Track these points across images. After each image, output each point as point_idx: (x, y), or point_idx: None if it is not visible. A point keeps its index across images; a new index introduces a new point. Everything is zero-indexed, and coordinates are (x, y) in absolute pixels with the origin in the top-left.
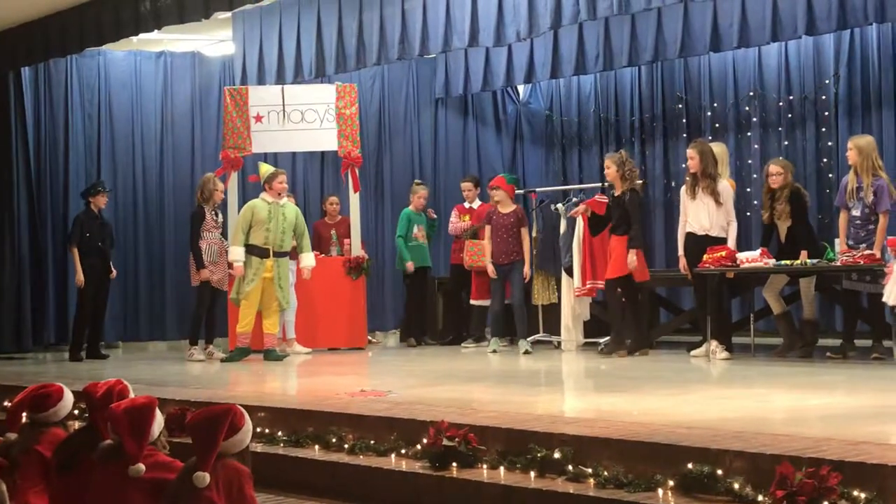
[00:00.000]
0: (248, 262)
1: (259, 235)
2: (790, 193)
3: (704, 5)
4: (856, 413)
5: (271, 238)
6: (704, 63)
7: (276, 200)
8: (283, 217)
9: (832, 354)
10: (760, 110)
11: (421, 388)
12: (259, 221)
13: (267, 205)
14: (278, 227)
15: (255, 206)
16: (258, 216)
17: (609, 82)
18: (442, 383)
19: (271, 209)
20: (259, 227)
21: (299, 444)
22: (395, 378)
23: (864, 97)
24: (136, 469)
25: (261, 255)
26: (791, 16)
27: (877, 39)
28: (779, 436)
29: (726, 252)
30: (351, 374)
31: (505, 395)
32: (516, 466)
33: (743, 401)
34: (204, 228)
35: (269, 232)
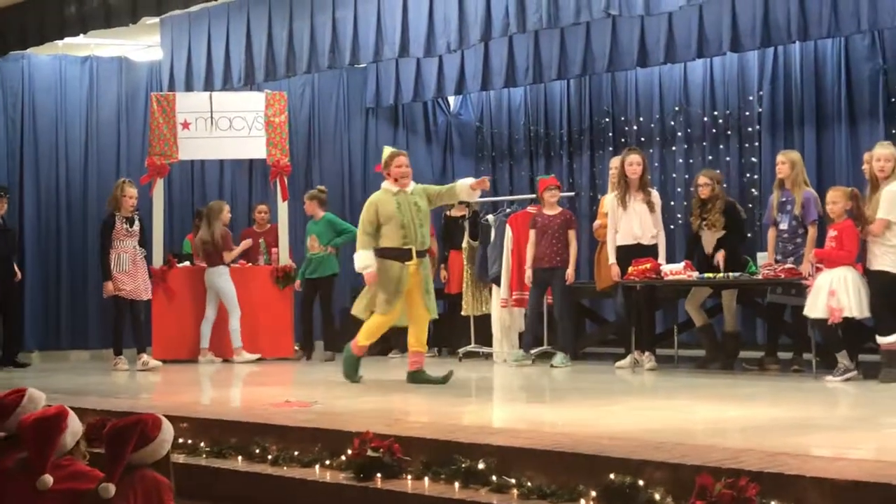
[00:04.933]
0: (385, 269)
1: (394, 235)
2: (724, 206)
3: (632, 21)
4: (775, 425)
5: (410, 235)
6: (631, 78)
7: (401, 189)
8: (415, 207)
9: (748, 366)
10: (685, 125)
11: (347, 399)
12: (388, 217)
13: (392, 196)
14: (413, 220)
15: (377, 200)
16: (385, 211)
17: (539, 95)
18: (369, 394)
19: (399, 200)
20: (391, 225)
21: (222, 456)
22: (322, 389)
23: (786, 114)
24: (43, 482)
25: (401, 259)
26: (716, 32)
27: (799, 57)
28: (699, 447)
29: (651, 264)
30: (277, 385)
31: (432, 406)
32: (441, 477)
33: (665, 412)
34: (115, 237)
35: (404, 228)
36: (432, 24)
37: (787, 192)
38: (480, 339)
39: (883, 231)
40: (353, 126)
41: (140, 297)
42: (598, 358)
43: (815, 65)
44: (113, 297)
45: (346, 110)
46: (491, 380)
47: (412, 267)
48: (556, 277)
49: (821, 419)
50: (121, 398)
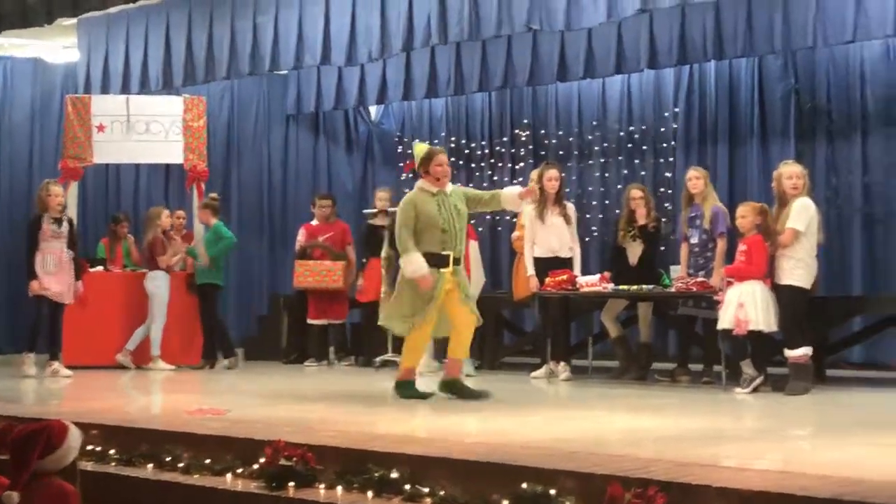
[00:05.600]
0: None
1: (433, 238)
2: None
3: (553, 36)
4: (686, 435)
5: (450, 240)
6: (552, 92)
7: (441, 189)
8: (455, 210)
9: (660, 378)
10: (602, 139)
11: (261, 408)
12: (428, 220)
13: (431, 196)
14: (454, 224)
15: (415, 201)
16: (425, 213)
17: (460, 107)
18: (283, 402)
19: (439, 202)
20: (430, 228)
21: (131, 463)
22: (236, 397)
23: (700, 130)
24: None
25: (438, 265)
26: (634, 49)
27: (714, 75)
28: (611, 456)
29: (567, 276)
30: (190, 392)
31: (347, 415)
32: (353, 486)
33: (579, 422)
34: (41, 238)
35: (445, 233)
36: (354, 33)
37: (697, 207)
38: (397, 348)
39: (792, 241)
40: (273, 133)
41: (64, 300)
42: (515, 368)
43: (730, 83)
44: (35, 298)
45: (267, 117)
46: None
47: (448, 274)
48: None
49: (729, 430)
50: (27, 404)
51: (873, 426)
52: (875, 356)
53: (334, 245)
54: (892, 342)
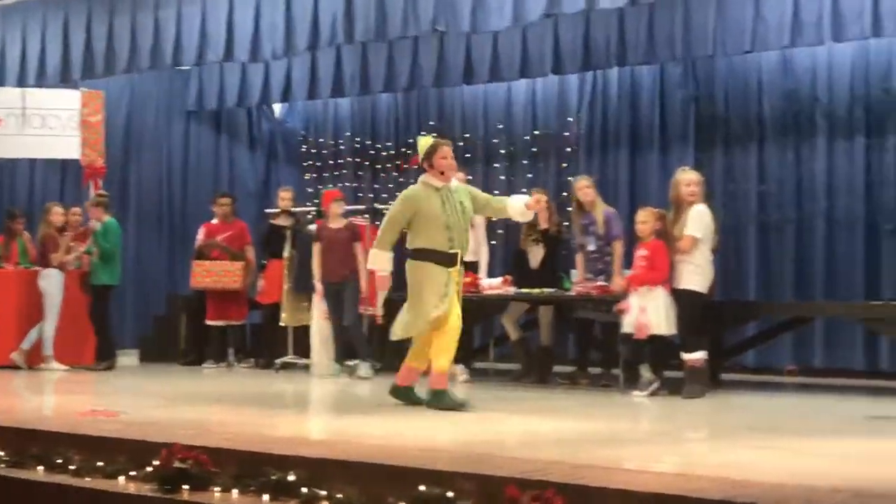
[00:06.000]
0: (430, 273)
1: (439, 235)
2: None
3: (459, 38)
4: (584, 438)
5: (456, 238)
6: (458, 94)
7: (445, 184)
8: (460, 207)
9: (560, 381)
10: (507, 143)
11: (157, 409)
12: (431, 216)
13: (435, 192)
14: (459, 221)
15: (417, 195)
16: (427, 209)
17: (366, 107)
18: (179, 404)
19: (443, 197)
20: (435, 225)
21: (21, 465)
22: (132, 398)
23: (603, 136)
24: None
25: (446, 263)
26: (539, 54)
27: (617, 82)
28: (510, 459)
29: (470, 278)
30: (84, 393)
31: (246, 417)
32: (250, 489)
33: (478, 424)
34: None
35: (450, 230)
36: (258, 30)
37: (588, 215)
38: (299, 350)
39: (691, 247)
40: (173, 130)
41: None
42: None
43: (632, 90)
44: None
45: (167, 113)
46: (308, 392)
47: (455, 274)
48: (346, 290)
49: (627, 433)
50: None
51: (765, 430)
52: (768, 361)
53: (232, 245)
54: (784, 347)
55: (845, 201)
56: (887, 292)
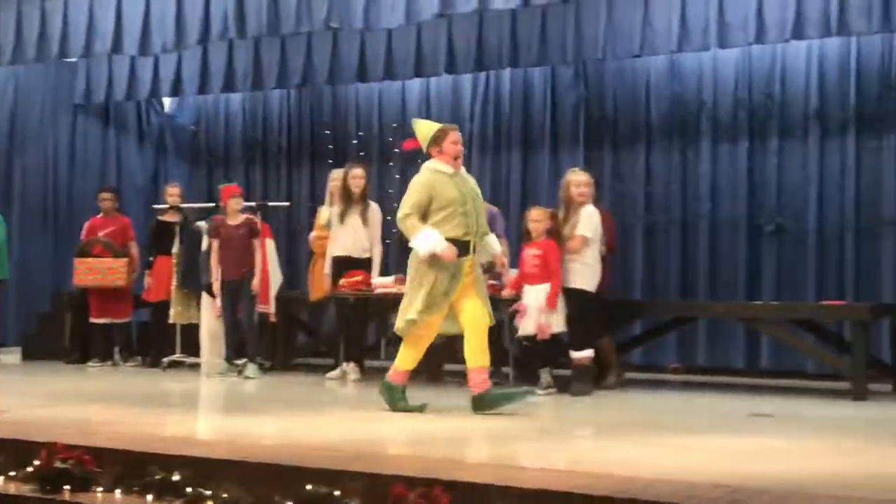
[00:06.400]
0: (440, 264)
1: (455, 222)
2: None
3: (352, 35)
4: (475, 435)
5: (472, 225)
6: (352, 92)
7: (457, 170)
8: (473, 193)
9: (452, 379)
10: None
11: (39, 408)
12: (447, 202)
13: (448, 178)
14: (475, 207)
15: (432, 181)
16: (444, 195)
17: (258, 102)
18: (62, 403)
19: (457, 183)
20: (450, 211)
21: None
22: (13, 397)
23: (495, 136)
24: None
25: (461, 253)
26: (433, 53)
27: (510, 83)
28: (398, 457)
29: (362, 277)
30: None
31: (130, 417)
32: (133, 490)
33: (368, 423)
34: None
35: (467, 217)
36: (148, 22)
37: None
38: (187, 348)
39: (582, 247)
40: (59, 123)
41: None
42: (310, 369)
43: (524, 91)
44: None
45: (53, 106)
46: (195, 391)
47: (468, 264)
48: (244, 287)
49: (515, 430)
50: None
51: (650, 426)
52: (653, 359)
53: (115, 240)
54: (669, 346)
55: (728, 203)
56: (767, 292)
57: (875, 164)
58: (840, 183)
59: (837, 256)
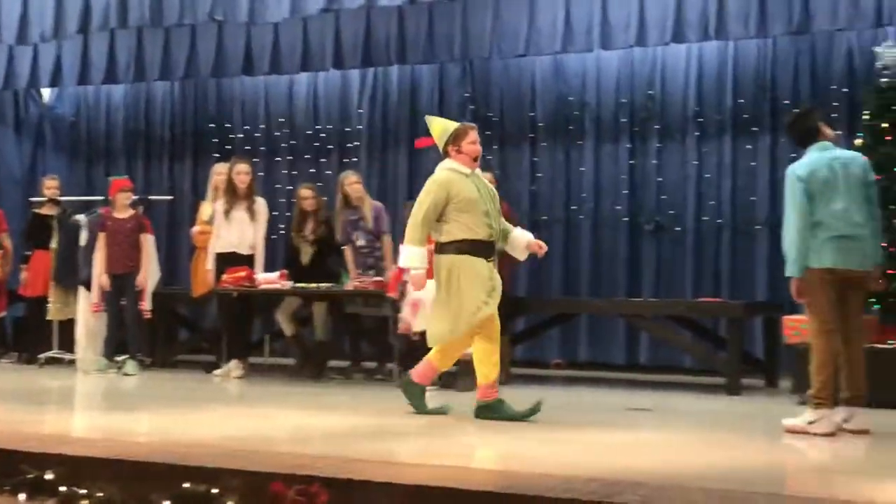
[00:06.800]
0: (474, 267)
1: (478, 224)
2: (323, 218)
3: (237, 29)
4: (355, 432)
5: (494, 225)
6: (238, 85)
7: (473, 171)
8: (492, 194)
9: (335, 375)
10: (290, 137)
11: None
12: (468, 203)
13: (466, 178)
14: (494, 208)
15: (450, 181)
16: (464, 195)
17: (140, 94)
18: None
19: (476, 183)
20: (472, 212)
21: None
22: None
23: (384, 132)
24: None
25: (486, 254)
26: (320, 48)
27: (398, 79)
28: (277, 454)
29: (245, 272)
30: None
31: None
32: (5, 489)
33: (251, 420)
34: None
35: (489, 217)
36: (27, 11)
37: (356, 210)
38: (65, 344)
39: None
40: None
41: None
42: (192, 365)
43: (412, 88)
44: None
45: None
46: (73, 388)
47: (493, 265)
48: (129, 283)
49: (399, 426)
50: None
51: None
52: (536, 355)
53: None
54: (551, 341)
55: (610, 202)
56: (647, 290)
57: (750, 166)
58: (717, 183)
59: (714, 255)
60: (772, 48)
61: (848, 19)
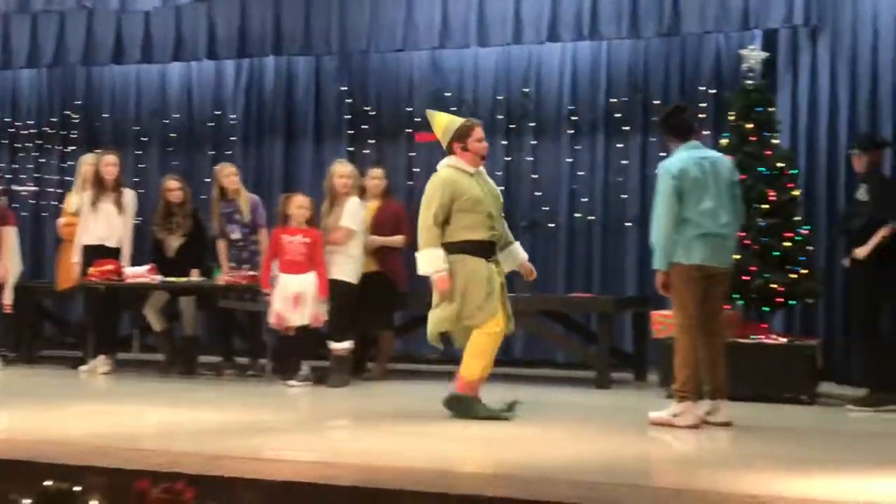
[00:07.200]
0: (475, 269)
1: (480, 225)
2: (191, 210)
3: (108, 16)
4: (224, 428)
5: (497, 227)
6: (108, 74)
7: (477, 169)
8: (495, 194)
9: (205, 371)
10: (161, 128)
11: None
12: (472, 203)
13: (469, 177)
14: (496, 209)
15: (454, 180)
16: (468, 195)
17: (6, 82)
18: None
19: (479, 183)
20: (476, 213)
21: None
22: None
23: (259, 124)
24: None
25: (487, 255)
26: (193, 38)
27: (274, 71)
28: (142, 451)
29: (113, 266)
30: None
31: None
32: None
33: (117, 417)
34: None
35: (492, 218)
36: None
37: (232, 203)
38: None
39: (346, 239)
40: None
41: None
42: (57, 361)
43: (288, 80)
44: None
45: None
46: None
47: (495, 266)
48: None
49: (270, 422)
50: None
51: (405, 416)
52: (413, 349)
53: None
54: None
55: None
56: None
57: (621, 164)
58: (590, 181)
59: (586, 251)
60: (643, 49)
61: (716, 22)
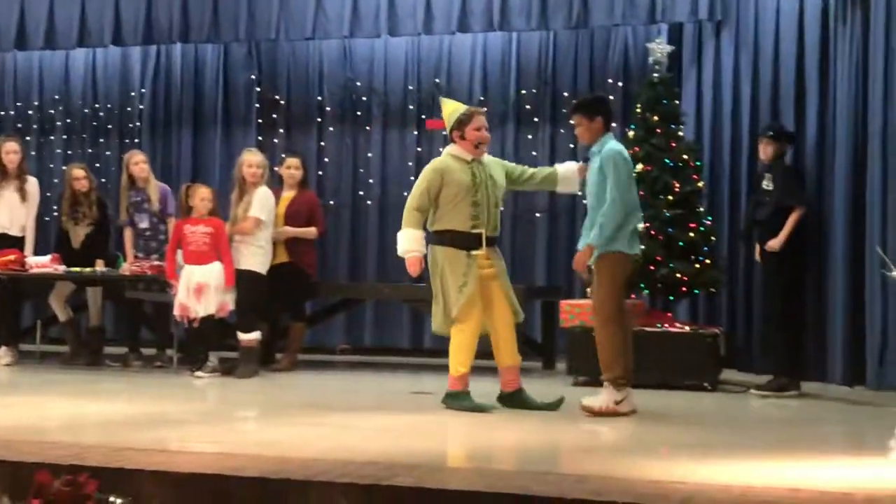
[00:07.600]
0: (451, 259)
1: (462, 214)
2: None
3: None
4: (130, 420)
5: (482, 216)
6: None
7: (476, 157)
8: (491, 182)
9: (112, 363)
10: (66, 115)
11: None
12: (460, 192)
13: (465, 165)
14: (489, 197)
15: (445, 168)
16: (457, 183)
17: None
18: None
19: (475, 171)
20: (461, 201)
21: None
22: None
23: (166, 113)
24: None
25: (468, 246)
26: (98, 24)
27: (181, 59)
28: (43, 444)
29: (16, 256)
30: None
31: None
32: None
33: (20, 409)
34: None
35: (476, 207)
36: None
37: (141, 192)
38: None
39: (254, 229)
40: None
41: None
42: None
43: (196, 68)
44: None
45: None
46: None
47: (481, 258)
48: None
49: (176, 414)
50: None
51: (315, 407)
52: (321, 340)
53: None
54: (337, 326)
55: (397, 188)
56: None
57: (531, 155)
58: None
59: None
60: (552, 41)
61: (623, 15)
